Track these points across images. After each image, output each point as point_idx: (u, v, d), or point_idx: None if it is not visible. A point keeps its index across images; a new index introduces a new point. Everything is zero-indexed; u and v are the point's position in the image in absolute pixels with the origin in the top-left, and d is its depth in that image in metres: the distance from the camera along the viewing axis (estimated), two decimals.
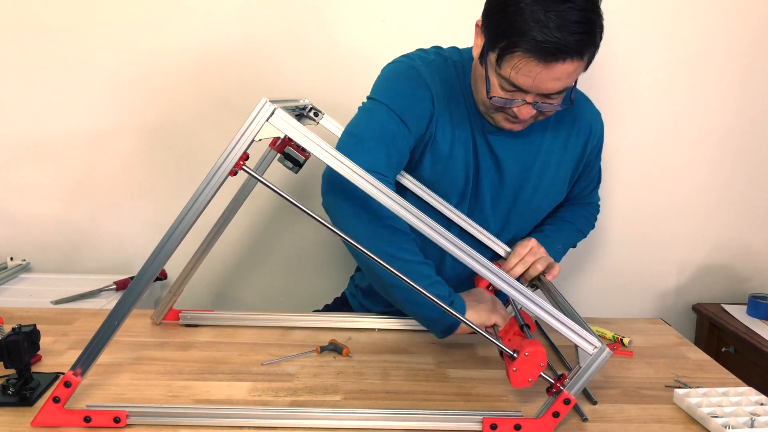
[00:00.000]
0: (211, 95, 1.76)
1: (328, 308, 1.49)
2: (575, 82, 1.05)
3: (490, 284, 1.05)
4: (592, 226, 1.42)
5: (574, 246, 1.39)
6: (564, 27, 0.94)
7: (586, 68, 1.03)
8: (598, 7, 0.99)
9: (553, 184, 1.25)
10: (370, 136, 1.08)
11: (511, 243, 1.26)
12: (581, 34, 0.95)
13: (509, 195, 1.22)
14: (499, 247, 1.24)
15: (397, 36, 1.73)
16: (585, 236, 1.40)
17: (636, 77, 1.76)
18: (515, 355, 0.87)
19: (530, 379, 0.87)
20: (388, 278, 1.04)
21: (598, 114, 1.27)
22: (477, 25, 1.06)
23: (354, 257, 1.15)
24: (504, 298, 1.26)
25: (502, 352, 0.92)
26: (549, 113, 1.09)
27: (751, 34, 1.74)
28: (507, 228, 1.26)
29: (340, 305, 1.48)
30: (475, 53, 1.08)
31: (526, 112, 1.05)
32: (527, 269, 1.19)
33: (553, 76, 0.98)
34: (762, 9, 1.73)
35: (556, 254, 1.26)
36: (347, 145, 1.08)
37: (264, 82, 1.75)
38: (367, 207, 1.03)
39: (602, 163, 1.37)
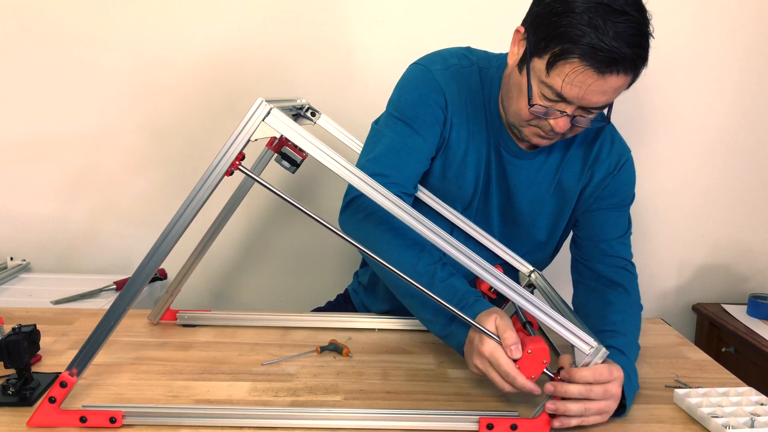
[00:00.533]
0: (211, 95, 1.76)
1: (330, 305, 1.49)
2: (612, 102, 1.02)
3: (491, 287, 1.05)
4: (638, 295, 1.20)
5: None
6: (621, 38, 0.90)
7: (633, 81, 0.99)
8: (650, 25, 0.95)
9: (560, 218, 1.21)
10: (387, 161, 1.08)
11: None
12: (637, 48, 0.93)
13: (516, 219, 1.20)
14: (517, 262, 1.21)
15: (397, 36, 1.73)
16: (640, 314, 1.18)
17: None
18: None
19: (533, 376, 0.87)
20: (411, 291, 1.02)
21: (628, 150, 1.20)
22: (518, 31, 1.02)
23: (373, 268, 1.15)
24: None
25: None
26: (580, 130, 1.05)
27: (751, 34, 1.74)
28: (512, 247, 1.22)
29: (342, 302, 1.48)
30: (511, 61, 1.04)
31: (563, 125, 1.00)
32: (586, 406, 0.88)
33: (604, 88, 0.95)
34: (762, 9, 1.73)
35: (630, 391, 0.96)
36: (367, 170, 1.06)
37: (264, 82, 1.75)
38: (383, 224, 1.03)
39: None
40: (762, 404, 0.94)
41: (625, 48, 0.91)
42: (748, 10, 1.72)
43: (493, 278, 0.86)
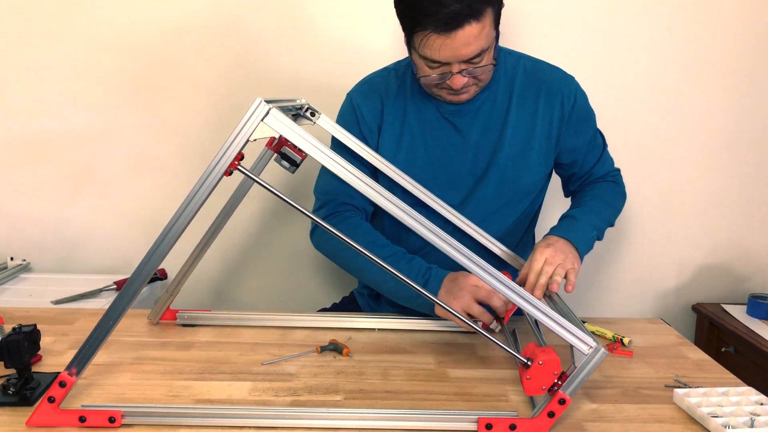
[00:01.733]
0: (211, 95, 1.76)
1: (335, 306, 1.50)
2: (496, 39, 1.12)
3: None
4: (623, 195, 1.36)
5: (612, 224, 1.30)
6: None
7: (496, 24, 1.09)
8: None
9: (528, 155, 1.25)
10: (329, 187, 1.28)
11: (512, 232, 1.28)
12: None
13: (483, 167, 1.25)
14: (496, 247, 1.24)
15: (397, 36, 1.72)
16: (619, 210, 1.33)
17: (636, 77, 1.76)
18: (529, 363, 0.88)
19: (544, 387, 0.88)
20: (373, 277, 1.22)
21: (569, 78, 1.28)
22: None
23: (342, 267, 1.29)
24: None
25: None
26: (484, 76, 1.15)
27: (751, 34, 1.74)
28: (500, 213, 1.26)
29: (347, 303, 1.48)
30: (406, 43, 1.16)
31: (458, 82, 1.12)
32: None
33: (460, 42, 1.04)
34: (762, 9, 1.73)
35: (589, 241, 1.19)
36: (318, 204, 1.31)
37: (264, 82, 1.75)
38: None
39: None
40: (762, 404, 0.94)
41: (454, 5, 1.01)
42: (749, 10, 1.72)
43: (484, 273, 0.86)
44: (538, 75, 1.25)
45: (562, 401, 0.87)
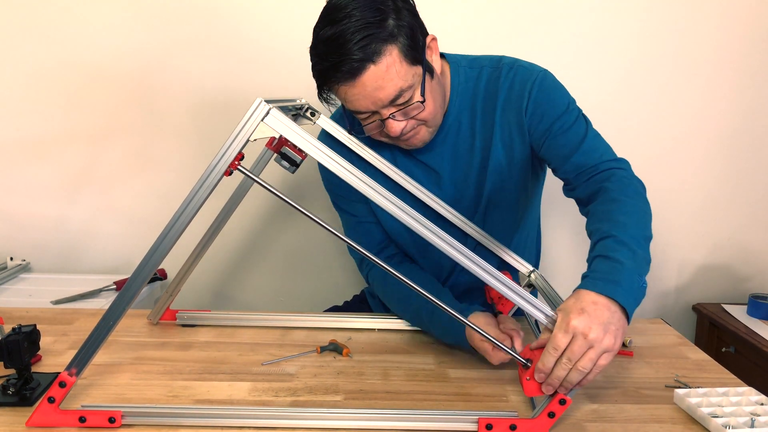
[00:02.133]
0: (211, 95, 1.76)
1: (347, 304, 1.51)
2: (425, 71, 1.02)
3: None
4: (642, 188, 1.03)
5: (651, 236, 0.95)
6: (345, 46, 0.95)
7: (413, 57, 0.99)
8: (356, 8, 0.96)
9: (504, 171, 1.16)
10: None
11: (513, 240, 1.24)
12: (361, 42, 0.95)
13: (468, 200, 1.19)
14: (517, 262, 1.21)
15: None
16: (648, 206, 0.99)
17: (635, 77, 1.76)
18: (529, 364, 0.88)
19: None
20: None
21: (530, 74, 1.12)
22: None
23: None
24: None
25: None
26: (423, 115, 1.05)
27: (751, 33, 1.74)
28: (496, 235, 1.21)
29: (358, 303, 1.49)
30: None
31: (395, 128, 1.04)
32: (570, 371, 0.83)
33: (371, 88, 0.98)
34: (762, 8, 1.73)
35: (638, 295, 0.86)
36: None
37: (264, 82, 1.75)
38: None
39: None
40: (762, 404, 0.94)
41: (352, 53, 0.95)
42: (749, 10, 1.72)
43: (496, 281, 0.86)
44: (498, 82, 1.13)
45: (562, 402, 0.87)
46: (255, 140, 0.84)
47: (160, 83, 1.75)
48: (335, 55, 0.96)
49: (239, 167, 0.85)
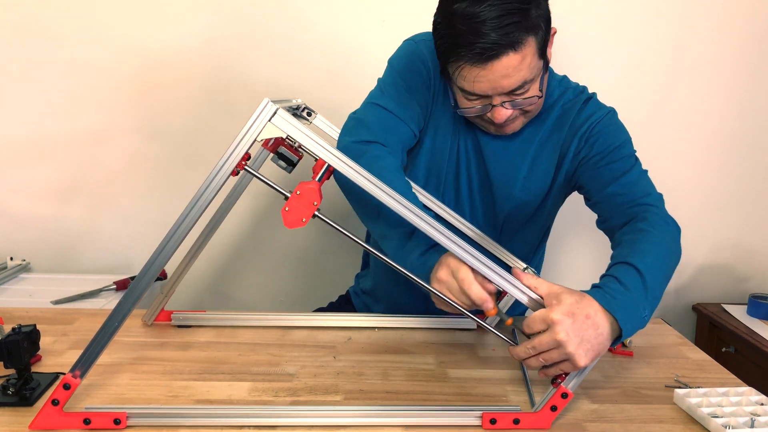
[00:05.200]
0: (210, 95, 1.76)
1: (332, 305, 1.50)
2: (545, 68, 1.03)
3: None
4: (677, 230, 1.08)
5: (669, 276, 1.02)
6: (486, 25, 0.93)
7: (542, 53, 1.00)
8: None
9: (532, 178, 1.18)
10: (374, 120, 1.12)
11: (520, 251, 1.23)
12: (505, 28, 0.94)
13: (501, 203, 1.20)
14: (511, 259, 1.21)
15: (397, 36, 1.72)
16: (678, 248, 1.06)
17: (635, 77, 1.76)
18: (288, 195, 0.86)
19: (304, 219, 0.86)
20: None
21: (599, 108, 1.17)
22: None
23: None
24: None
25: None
26: (531, 108, 1.07)
27: (750, 33, 1.74)
28: (505, 242, 1.22)
29: (343, 303, 1.48)
30: None
31: (501, 115, 1.03)
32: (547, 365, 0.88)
33: (498, 74, 0.97)
34: (762, 8, 1.73)
35: (637, 324, 0.89)
36: (350, 128, 1.13)
37: (264, 82, 1.75)
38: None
39: None
40: (762, 404, 0.94)
41: (491, 34, 0.93)
42: (748, 9, 1.72)
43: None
44: (573, 106, 1.15)
45: (564, 395, 0.88)
46: (262, 140, 0.85)
47: (160, 82, 1.75)
48: (473, 34, 0.94)
49: (246, 167, 0.86)
